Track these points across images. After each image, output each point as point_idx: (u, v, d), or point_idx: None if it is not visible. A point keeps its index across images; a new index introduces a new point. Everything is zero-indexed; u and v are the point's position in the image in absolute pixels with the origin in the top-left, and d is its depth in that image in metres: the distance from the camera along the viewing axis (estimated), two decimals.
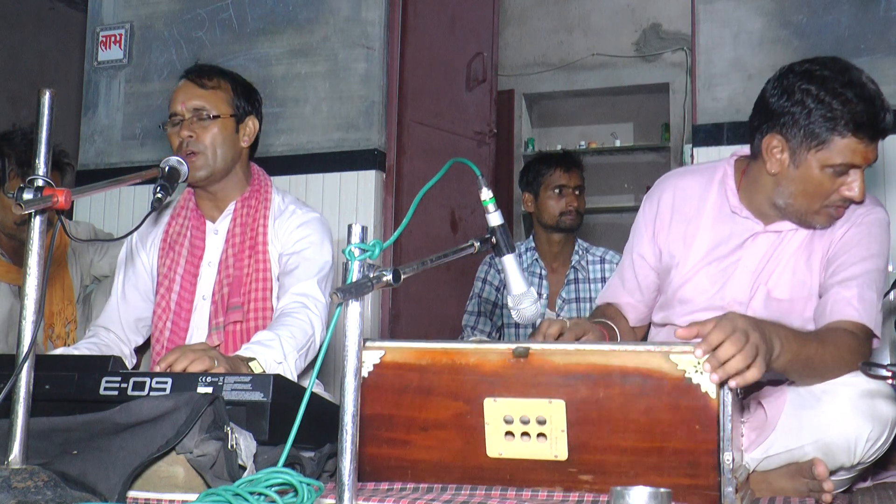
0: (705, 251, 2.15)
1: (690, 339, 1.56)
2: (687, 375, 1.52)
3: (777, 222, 2.10)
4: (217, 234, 2.44)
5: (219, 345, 2.29)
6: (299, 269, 2.34)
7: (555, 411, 1.57)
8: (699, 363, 1.52)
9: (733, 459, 1.50)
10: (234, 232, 2.40)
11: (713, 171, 2.23)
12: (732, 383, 1.51)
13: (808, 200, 2.00)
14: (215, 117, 2.36)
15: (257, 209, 2.42)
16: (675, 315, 2.18)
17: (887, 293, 2.23)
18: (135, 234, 2.48)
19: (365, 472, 1.66)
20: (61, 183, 2.92)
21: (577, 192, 3.61)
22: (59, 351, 2.43)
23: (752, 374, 1.53)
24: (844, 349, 1.83)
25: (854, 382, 1.82)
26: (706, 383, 1.51)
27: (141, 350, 2.55)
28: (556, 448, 1.57)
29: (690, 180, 2.24)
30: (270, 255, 2.39)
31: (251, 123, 2.45)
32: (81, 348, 2.36)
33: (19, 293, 3.07)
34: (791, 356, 1.70)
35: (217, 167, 2.37)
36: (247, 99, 2.46)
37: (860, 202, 1.98)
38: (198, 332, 2.38)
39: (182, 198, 2.51)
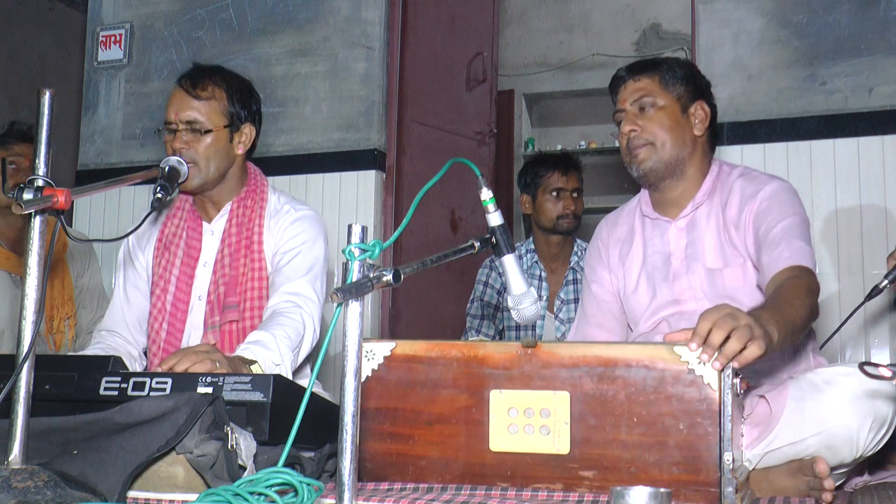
0: (641, 261, 2.30)
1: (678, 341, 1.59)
2: (690, 367, 1.54)
3: (681, 212, 2.25)
4: (213, 234, 2.43)
5: (215, 344, 2.29)
6: (290, 268, 2.34)
7: (559, 403, 1.58)
8: (698, 357, 1.54)
9: (733, 459, 1.50)
10: (230, 232, 2.40)
11: (641, 193, 2.39)
12: (735, 365, 1.53)
13: None
14: (207, 132, 2.33)
15: (253, 209, 2.42)
16: (641, 321, 2.26)
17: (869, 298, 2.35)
18: (132, 235, 2.47)
19: (366, 469, 1.66)
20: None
21: (574, 195, 3.60)
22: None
23: (752, 352, 1.55)
24: (801, 291, 1.88)
25: (855, 373, 1.83)
26: (709, 375, 1.53)
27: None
28: (558, 442, 1.58)
29: (622, 211, 2.44)
30: (266, 254, 2.38)
31: (247, 130, 2.42)
32: (88, 353, 2.35)
33: (19, 282, 3.10)
34: (784, 330, 1.72)
35: (209, 177, 2.36)
36: (243, 104, 2.41)
37: (627, 133, 2.22)
38: (194, 332, 2.37)
39: (179, 199, 2.49)
